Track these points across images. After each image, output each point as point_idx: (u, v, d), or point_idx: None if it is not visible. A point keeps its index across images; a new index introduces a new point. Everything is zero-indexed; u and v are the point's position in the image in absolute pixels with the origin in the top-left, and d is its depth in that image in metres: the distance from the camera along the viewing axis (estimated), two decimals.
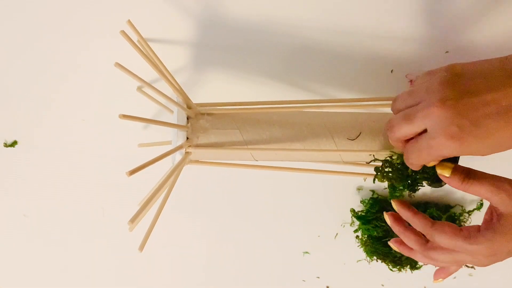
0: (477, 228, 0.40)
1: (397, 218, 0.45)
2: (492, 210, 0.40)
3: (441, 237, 0.40)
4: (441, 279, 0.46)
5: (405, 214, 0.44)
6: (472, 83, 0.35)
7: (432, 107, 0.35)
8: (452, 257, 0.41)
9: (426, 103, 0.36)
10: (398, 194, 0.46)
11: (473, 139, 0.35)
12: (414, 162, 0.40)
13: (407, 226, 0.44)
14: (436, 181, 0.43)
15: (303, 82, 0.54)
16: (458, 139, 0.35)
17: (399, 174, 0.44)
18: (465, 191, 0.39)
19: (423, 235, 0.43)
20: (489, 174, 0.39)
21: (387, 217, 0.45)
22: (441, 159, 0.39)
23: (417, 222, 0.43)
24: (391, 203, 0.46)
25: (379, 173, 0.45)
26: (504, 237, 0.38)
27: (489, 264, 0.40)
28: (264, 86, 0.54)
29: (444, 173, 0.40)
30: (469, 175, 0.39)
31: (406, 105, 0.39)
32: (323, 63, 0.53)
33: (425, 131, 0.37)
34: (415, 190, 0.45)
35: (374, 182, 0.45)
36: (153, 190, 0.43)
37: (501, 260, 0.40)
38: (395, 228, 0.45)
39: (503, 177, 0.39)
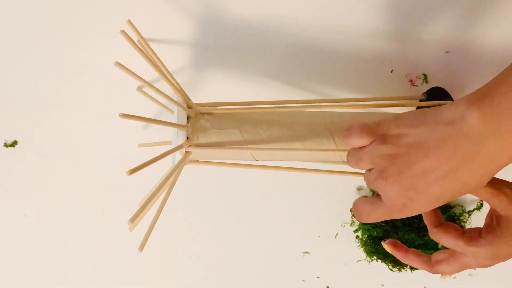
0: (479, 231, 0.40)
1: (397, 245, 0.46)
2: (492, 213, 0.40)
3: (445, 237, 0.41)
4: (448, 275, 0.47)
5: (398, 254, 0.45)
6: (409, 150, 0.35)
7: (379, 182, 0.36)
8: (457, 265, 0.42)
9: (374, 176, 0.37)
10: None
11: (425, 204, 0.36)
12: (370, 221, 0.41)
13: (408, 249, 0.45)
14: None
15: (303, 82, 0.54)
16: (412, 207, 0.36)
17: None
18: None
19: (423, 253, 0.45)
20: None
21: (386, 246, 0.46)
22: None
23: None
24: None
25: None
26: (504, 240, 0.39)
27: (492, 265, 0.41)
28: (264, 86, 0.54)
29: None
30: None
31: (356, 165, 0.40)
32: (323, 63, 0.53)
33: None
34: None
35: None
36: (153, 190, 0.43)
37: (504, 261, 0.40)
38: (397, 255, 0.46)
39: (504, 180, 0.39)
